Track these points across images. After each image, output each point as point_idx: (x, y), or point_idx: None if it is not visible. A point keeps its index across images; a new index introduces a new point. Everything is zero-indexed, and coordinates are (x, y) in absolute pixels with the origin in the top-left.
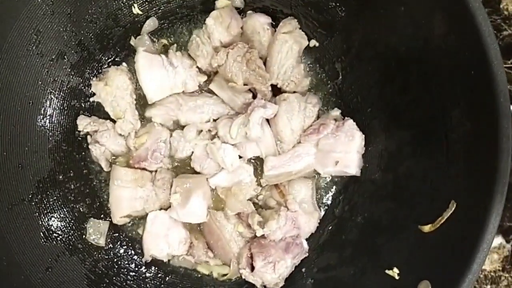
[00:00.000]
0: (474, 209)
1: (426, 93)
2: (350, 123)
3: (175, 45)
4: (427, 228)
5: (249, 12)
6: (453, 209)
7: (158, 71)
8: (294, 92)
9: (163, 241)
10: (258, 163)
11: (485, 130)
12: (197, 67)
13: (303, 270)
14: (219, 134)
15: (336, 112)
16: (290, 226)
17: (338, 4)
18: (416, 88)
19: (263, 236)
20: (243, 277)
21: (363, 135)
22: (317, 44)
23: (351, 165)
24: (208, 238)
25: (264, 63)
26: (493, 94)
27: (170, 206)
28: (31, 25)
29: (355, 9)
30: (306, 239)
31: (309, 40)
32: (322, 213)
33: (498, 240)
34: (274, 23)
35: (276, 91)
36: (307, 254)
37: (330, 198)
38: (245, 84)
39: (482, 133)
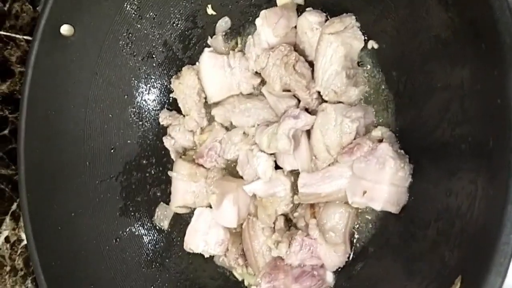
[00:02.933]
0: None
1: None
2: (384, 146)
3: (239, 45)
4: None
5: (308, 9)
6: (458, 285)
7: (218, 72)
8: (339, 102)
9: (201, 238)
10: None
11: None
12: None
13: None
14: (256, 141)
15: (378, 132)
16: (307, 253)
17: None
18: None
19: (281, 257)
20: None
21: (404, 165)
22: (375, 46)
23: (378, 199)
24: (243, 245)
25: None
26: None
27: None
28: (123, 29)
29: None
30: (334, 273)
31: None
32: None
33: None
34: None
35: None
36: None
37: (368, 233)
38: (287, 90)
39: None
